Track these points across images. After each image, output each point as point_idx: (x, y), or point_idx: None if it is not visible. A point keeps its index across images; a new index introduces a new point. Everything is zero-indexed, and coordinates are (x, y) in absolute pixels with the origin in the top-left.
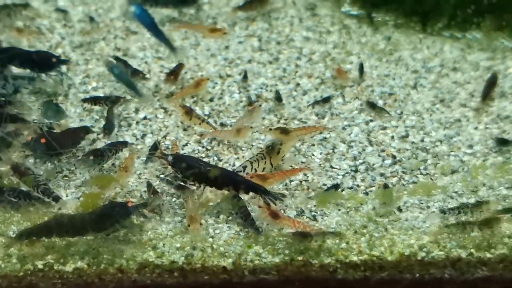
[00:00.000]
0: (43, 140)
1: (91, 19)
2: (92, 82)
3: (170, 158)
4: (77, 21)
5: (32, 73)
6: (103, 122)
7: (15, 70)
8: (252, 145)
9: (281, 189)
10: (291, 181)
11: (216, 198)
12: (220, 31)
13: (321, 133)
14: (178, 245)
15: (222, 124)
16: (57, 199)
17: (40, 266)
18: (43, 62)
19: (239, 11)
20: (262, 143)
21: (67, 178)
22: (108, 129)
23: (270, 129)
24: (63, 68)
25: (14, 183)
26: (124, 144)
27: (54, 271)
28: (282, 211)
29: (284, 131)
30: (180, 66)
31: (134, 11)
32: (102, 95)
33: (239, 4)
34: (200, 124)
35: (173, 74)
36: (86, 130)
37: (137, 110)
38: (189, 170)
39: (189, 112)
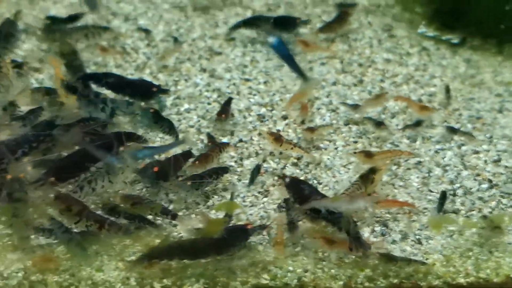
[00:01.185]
0: (155, 169)
1: (175, 40)
2: (183, 104)
3: (287, 180)
4: (160, 41)
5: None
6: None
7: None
8: (349, 168)
9: (383, 212)
10: None
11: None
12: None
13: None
14: (290, 268)
15: (316, 148)
16: (175, 216)
17: None
18: (145, 91)
19: (319, 33)
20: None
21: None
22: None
23: (354, 153)
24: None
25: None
26: (225, 170)
27: None
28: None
29: (368, 154)
30: (229, 101)
31: (272, 42)
32: None
33: (318, 26)
34: (292, 149)
35: (224, 112)
36: (189, 154)
37: (232, 133)
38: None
39: (278, 138)
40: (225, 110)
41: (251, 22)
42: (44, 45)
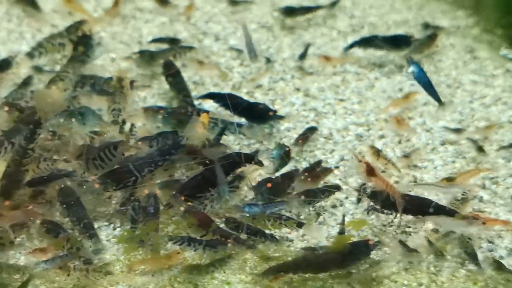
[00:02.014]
0: (268, 185)
1: (268, 60)
2: (283, 123)
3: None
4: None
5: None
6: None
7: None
8: None
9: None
10: None
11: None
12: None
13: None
14: (405, 282)
15: (415, 166)
16: (301, 225)
17: None
18: (261, 114)
19: (409, 54)
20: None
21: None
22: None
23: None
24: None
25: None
26: (337, 188)
27: None
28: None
29: (448, 179)
30: (312, 129)
31: (413, 70)
32: None
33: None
34: (385, 164)
35: (302, 138)
36: (295, 173)
37: (332, 151)
38: None
39: (377, 152)
40: (305, 136)
41: (367, 41)
42: (139, 66)
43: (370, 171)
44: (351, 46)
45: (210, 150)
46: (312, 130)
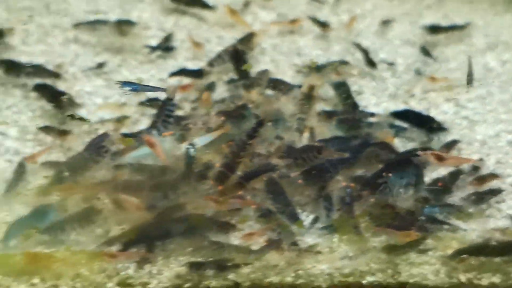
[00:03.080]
0: (440, 184)
1: (417, 72)
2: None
3: None
4: (403, 73)
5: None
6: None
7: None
8: None
9: None
10: None
11: None
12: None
13: None
14: None
15: None
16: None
17: (463, 279)
18: (430, 125)
19: None
20: None
21: None
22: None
23: None
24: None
25: None
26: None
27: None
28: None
29: None
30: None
31: None
32: None
33: None
34: None
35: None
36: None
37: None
38: None
39: None
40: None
41: None
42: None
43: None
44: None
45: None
46: (454, 143)
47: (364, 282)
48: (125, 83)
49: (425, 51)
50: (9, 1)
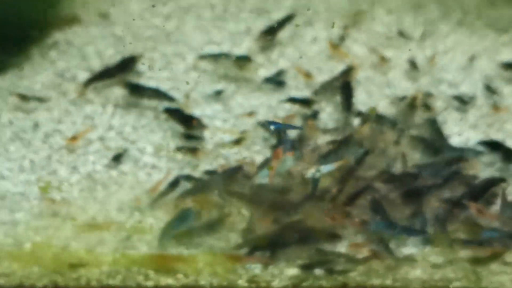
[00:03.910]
0: None
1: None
2: None
3: None
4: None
5: None
6: None
7: None
8: None
9: None
10: None
11: None
12: None
13: None
14: None
15: None
16: None
17: None
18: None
19: None
20: None
21: None
22: None
23: None
24: None
25: None
26: None
27: None
28: None
29: None
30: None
31: None
32: None
33: None
34: None
35: None
36: None
37: None
38: None
39: None
40: None
41: None
42: None
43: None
44: None
45: None
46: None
47: (451, 286)
48: (270, 123)
49: (489, 88)
50: (134, 29)
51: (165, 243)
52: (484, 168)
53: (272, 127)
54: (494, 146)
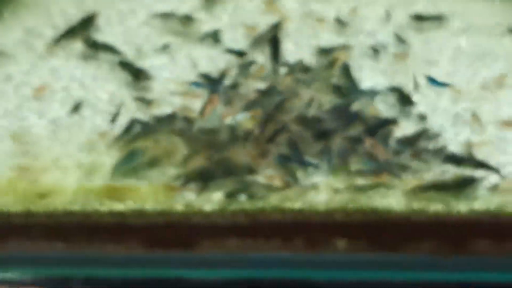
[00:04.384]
0: None
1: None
2: None
3: None
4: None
5: None
6: None
7: None
8: None
9: None
10: None
11: None
12: None
13: None
14: None
15: None
16: None
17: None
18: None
19: None
20: None
21: None
22: None
23: None
24: None
25: None
26: None
27: None
28: None
29: None
30: None
31: None
32: None
33: None
34: None
35: None
36: None
37: None
38: None
39: None
40: None
41: None
42: None
43: None
44: None
45: None
46: None
47: (347, 207)
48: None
49: (399, 37)
50: None
51: (116, 177)
52: (386, 109)
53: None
54: (394, 90)
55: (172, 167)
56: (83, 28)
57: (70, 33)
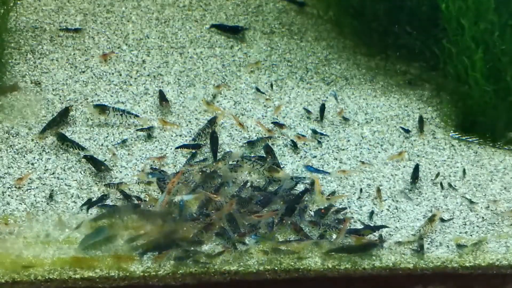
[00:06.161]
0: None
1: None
2: None
3: None
4: None
5: None
6: None
7: None
8: None
9: None
10: None
11: None
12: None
13: None
14: None
15: None
16: None
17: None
18: None
19: None
20: None
21: None
22: None
23: None
24: None
25: None
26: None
27: None
28: None
29: None
30: None
31: None
32: None
33: None
34: None
35: None
36: None
37: None
38: None
39: None
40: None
41: None
42: None
43: None
44: None
45: None
46: None
47: (277, 266)
48: (150, 173)
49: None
50: (60, 93)
51: (85, 249)
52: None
53: (150, 176)
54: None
55: (132, 240)
56: (55, 125)
57: (48, 127)
